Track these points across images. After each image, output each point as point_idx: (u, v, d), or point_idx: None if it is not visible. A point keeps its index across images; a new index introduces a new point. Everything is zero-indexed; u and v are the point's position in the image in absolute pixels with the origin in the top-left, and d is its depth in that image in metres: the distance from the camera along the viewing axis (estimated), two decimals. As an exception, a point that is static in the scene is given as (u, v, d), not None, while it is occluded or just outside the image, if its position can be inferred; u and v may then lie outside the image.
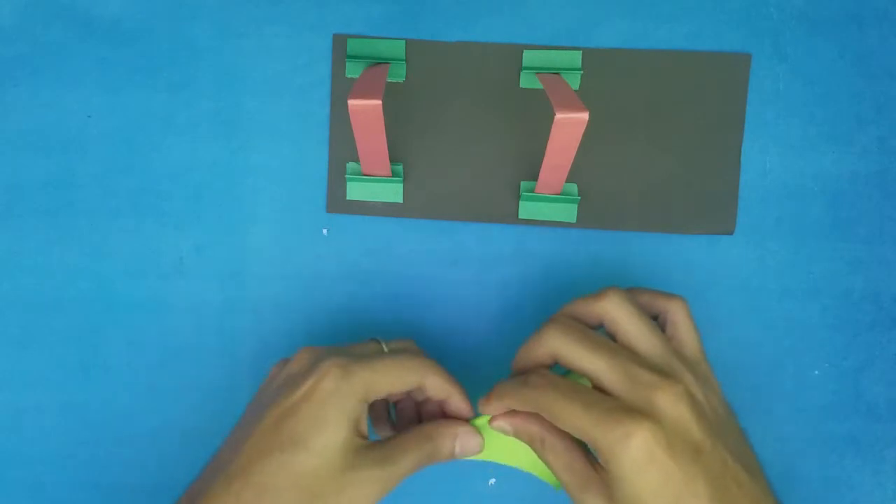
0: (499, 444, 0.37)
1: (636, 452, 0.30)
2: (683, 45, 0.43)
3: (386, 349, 0.36)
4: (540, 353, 0.35)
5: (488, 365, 0.44)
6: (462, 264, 0.44)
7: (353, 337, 0.44)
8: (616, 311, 0.34)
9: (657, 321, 0.36)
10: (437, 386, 0.35)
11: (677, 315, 0.35)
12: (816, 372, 0.44)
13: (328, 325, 0.44)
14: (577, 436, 0.32)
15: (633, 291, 0.37)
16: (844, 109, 0.43)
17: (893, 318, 0.44)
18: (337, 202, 0.43)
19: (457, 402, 0.36)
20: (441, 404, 0.37)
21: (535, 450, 0.35)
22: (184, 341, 0.44)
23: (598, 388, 0.32)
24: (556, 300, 0.44)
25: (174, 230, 0.44)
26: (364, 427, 0.33)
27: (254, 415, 0.34)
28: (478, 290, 0.44)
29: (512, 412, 0.35)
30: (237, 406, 0.44)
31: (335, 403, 0.32)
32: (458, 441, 0.35)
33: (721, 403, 0.34)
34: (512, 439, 0.36)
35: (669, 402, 0.31)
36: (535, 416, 0.34)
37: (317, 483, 0.31)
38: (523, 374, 0.35)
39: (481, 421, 0.36)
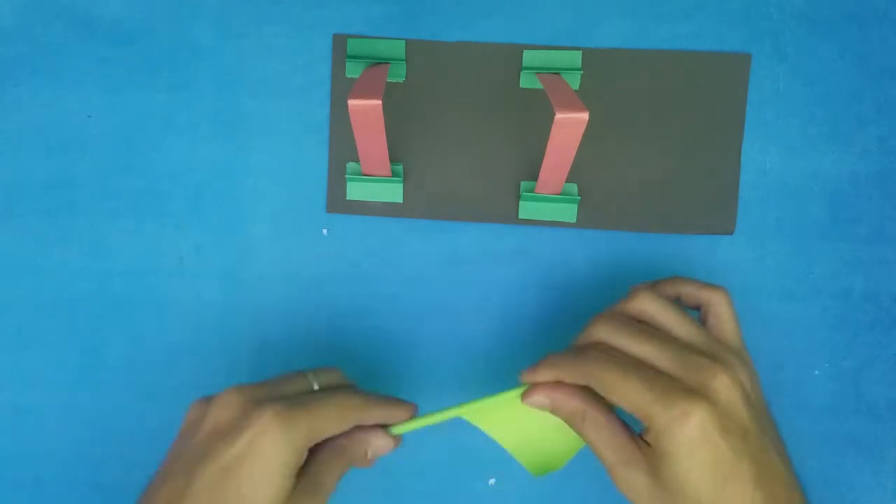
0: (492, 414, 0.36)
1: (692, 431, 0.30)
2: (683, 45, 0.43)
3: (315, 384, 0.35)
4: (589, 341, 0.35)
5: (488, 365, 0.44)
6: (462, 264, 0.44)
7: (352, 336, 0.44)
8: (650, 307, 0.35)
9: (700, 312, 0.37)
10: (376, 418, 0.35)
11: (720, 307, 0.36)
12: (816, 372, 0.44)
13: (328, 325, 0.44)
14: (629, 410, 0.32)
15: (675, 282, 0.37)
16: (844, 109, 0.43)
17: (893, 318, 0.44)
18: (337, 202, 0.43)
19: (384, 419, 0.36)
20: None
21: (573, 425, 0.34)
22: (184, 341, 0.44)
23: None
24: (556, 300, 0.44)
25: (174, 230, 0.44)
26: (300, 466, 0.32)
27: (185, 468, 0.32)
28: (478, 290, 0.44)
29: (552, 385, 0.35)
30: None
31: (279, 458, 0.31)
32: (370, 448, 0.35)
33: (761, 393, 0.35)
34: (507, 414, 0.36)
35: (724, 386, 0.31)
36: (577, 391, 0.34)
37: None
38: (577, 347, 0.35)
39: (402, 428, 0.36)
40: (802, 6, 0.43)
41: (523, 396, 0.35)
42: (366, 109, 0.35)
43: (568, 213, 0.43)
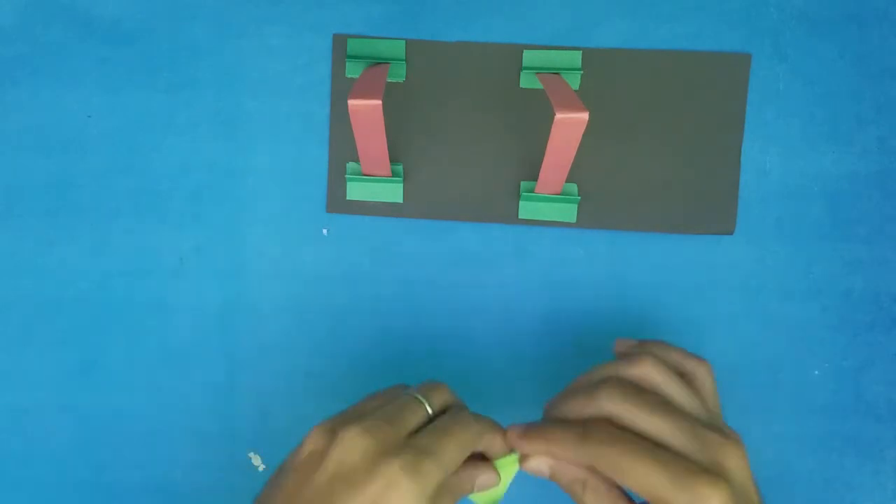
0: None
1: None
2: (683, 45, 0.43)
3: (429, 409, 0.34)
4: (593, 412, 0.33)
5: (488, 365, 0.44)
6: (462, 264, 0.44)
7: (352, 336, 0.44)
8: (657, 377, 0.33)
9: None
10: (496, 448, 0.34)
11: (706, 379, 0.35)
12: (816, 372, 0.44)
13: (328, 325, 0.44)
14: (641, 493, 0.31)
15: (662, 347, 0.36)
16: (844, 109, 0.43)
17: (893, 318, 0.44)
18: (337, 202, 0.43)
19: (498, 445, 0.35)
20: None
21: (572, 493, 0.33)
22: (184, 341, 0.44)
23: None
24: (556, 300, 0.44)
25: (174, 230, 0.44)
26: None
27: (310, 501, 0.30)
28: (478, 291, 0.44)
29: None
30: (237, 406, 0.44)
31: None
32: (477, 482, 0.34)
33: None
34: None
35: (737, 463, 0.31)
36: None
37: None
38: (578, 425, 0.33)
39: (507, 460, 0.35)
40: (802, 6, 0.43)
41: (522, 462, 0.34)
42: (366, 109, 0.35)
43: (568, 213, 0.43)
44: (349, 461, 0.30)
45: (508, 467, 0.35)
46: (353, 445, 0.30)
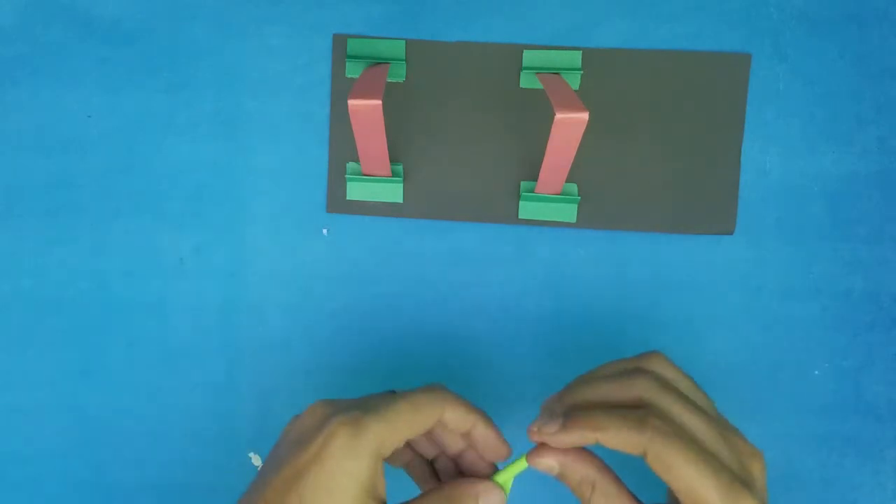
0: None
1: None
2: (683, 45, 0.43)
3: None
4: (626, 397, 0.32)
5: (488, 365, 0.44)
6: (462, 264, 0.44)
7: (352, 336, 0.44)
8: (670, 373, 0.33)
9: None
10: (457, 418, 0.33)
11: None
12: (816, 372, 0.44)
13: (328, 325, 0.44)
14: (682, 492, 0.29)
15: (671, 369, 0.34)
16: (844, 109, 0.43)
17: (893, 318, 0.44)
18: (337, 202, 0.43)
19: (481, 430, 0.33)
20: (467, 440, 0.34)
21: (579, 493, 0.32)
22: (184, 341, 0.44)
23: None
24: (556, 300, 0.44)
25: (174, 230, 0.44)
26: (381, 488, 0.31)
27: (268, 470, 0.31)
28: (478, 291, 0.44)
29: (566, 451, 0.32)
30: (237, 406, 0.44)
31: (345, 468, 0.29)
32: (481, 500, 0.33)
33: None
34: None
35: (761, 472, 0.31)
36: (590, 456, 0.32)
37: None
38: (633, 413, 0.31)
39: (506, 475, 0.34)
40: (802, 6, 0.43)
41: (530, 457, 0.32)
42: (366, 109, 0.35)
43: (568, 213, 0.43)
44: (306, 424, 0.32)
45: (511, 471, 0.34)
46: (312, 412, 0.32)
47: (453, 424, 0.33)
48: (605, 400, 0.32)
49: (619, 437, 0.30)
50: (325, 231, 0.44)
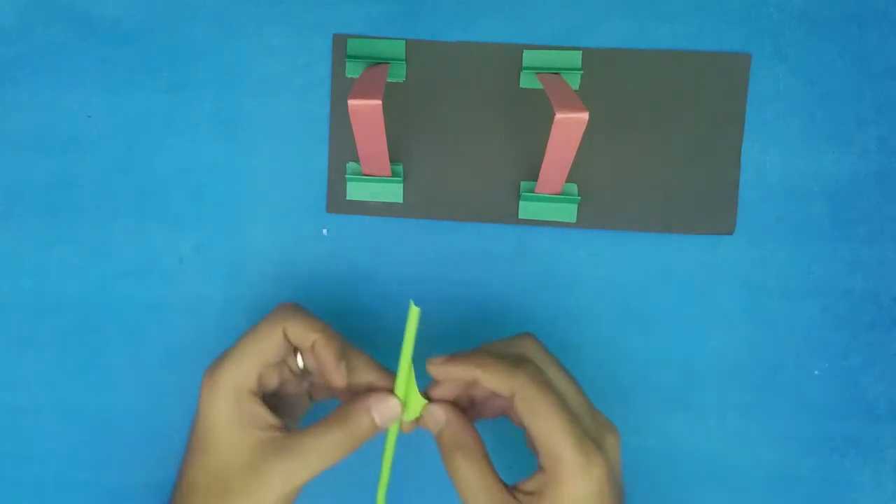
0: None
1: (595, 484, 0.31)
2: (683, 45, 0.43)
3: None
4: (513, 352, 0.35)
5: (488, 365, 0.44)
6: (462, 264, 0.44)
7: (352, 336, 0.44)
8: (538, 356, 0.36)
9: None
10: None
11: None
12: (816, 372, 0.44)
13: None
14: (539, 442, 0.32)
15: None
16: (844, 109, 0.43)
17: (893, 318, 0.44)
18: (337, 202, 0.43)
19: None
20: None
21: (450, 457, 0.34)
22: (184, 341, 0.44)
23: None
24: (556, 300, 0.44)
25: (174, 230, 0.44)
26: (269, 418, 0.34)
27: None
28: (478, 290, 0.44)
29: (451, 407, 0.35)
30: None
31: (211, 411, 0.34)
32: (375, 411, 0.34)
33: None
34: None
35: (616, 446, 0.33)
36: (471, 427, 0.35)
37: (227, 478, 0.33)
38: (511, 357, 0.34)
39: (403, 390, 0.35)
40: (802, 6, 0.43)
41: (428, 390, 0.35)
42: (366, 109, 0.35)
43: (568, 213, 0.43)
44: None
45: (406, 385, 0.35)
46: None
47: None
48: (490, 351, 0.35)
49: (494, 376, 0.33)
50: (325, 231, 0.44)
